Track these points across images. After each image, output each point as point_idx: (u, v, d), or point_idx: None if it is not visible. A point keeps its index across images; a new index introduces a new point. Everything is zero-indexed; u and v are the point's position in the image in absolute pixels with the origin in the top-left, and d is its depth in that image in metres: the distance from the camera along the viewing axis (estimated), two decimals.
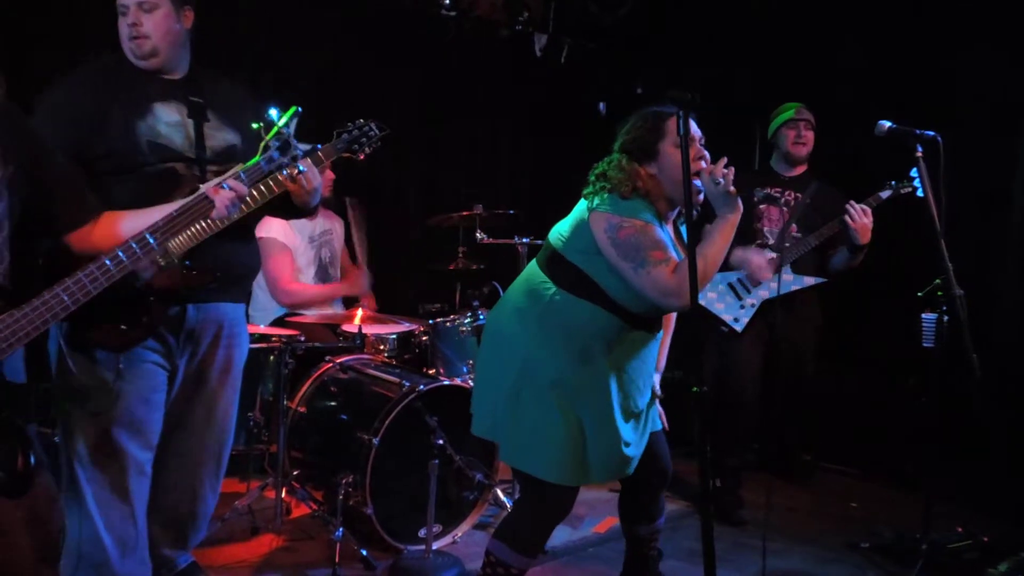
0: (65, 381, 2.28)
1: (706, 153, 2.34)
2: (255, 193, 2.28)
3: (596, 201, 2.27)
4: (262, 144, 2.21)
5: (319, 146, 2.41)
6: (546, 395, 2.27)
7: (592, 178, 2.35)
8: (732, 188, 2.23)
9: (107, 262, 1.88)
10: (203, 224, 2.20)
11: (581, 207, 2.35)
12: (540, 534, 2.40)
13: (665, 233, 2.31)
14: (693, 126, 2.32)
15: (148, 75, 2.38)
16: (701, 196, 2.31)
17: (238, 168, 2.18)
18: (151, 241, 1.97)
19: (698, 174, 2.27)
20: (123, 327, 2.19)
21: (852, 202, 3.42)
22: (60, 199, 2.01)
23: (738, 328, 3.73)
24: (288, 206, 2.47)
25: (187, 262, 2.25)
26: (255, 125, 2.28)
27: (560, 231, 2.38)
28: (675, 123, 2.19)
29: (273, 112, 2.24)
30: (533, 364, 2.29)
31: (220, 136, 2.44)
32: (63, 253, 2.05)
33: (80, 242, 2.05)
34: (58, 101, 2.31)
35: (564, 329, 2.29)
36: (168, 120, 2.36)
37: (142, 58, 2.35)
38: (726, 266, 3.79)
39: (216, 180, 2.14)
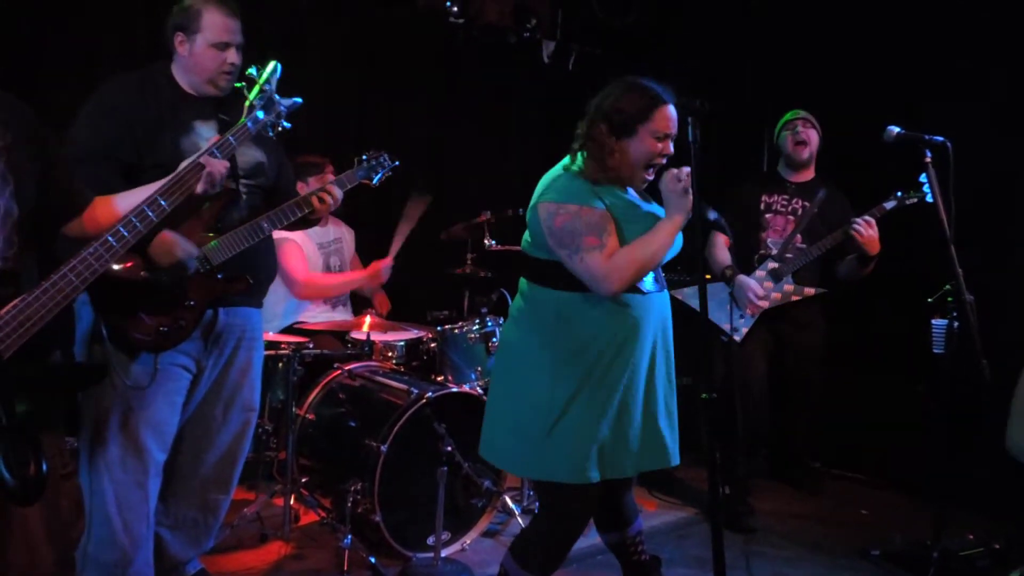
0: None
1: (671, 150, 2.27)
2: (288, 213, 2.45)
3: (540, 192, 2.26)
4: (246, 104, 2.25)
5: (342, 175, 2.68)
6: (556, 397, 2.20)
7: (575, 145, 2.30)
8: (689, 191, 2.17)
9: (109, 238, 1.88)
10: (243, 235, 2.39)
11: (533, 202, 2.30)
12: (559, 554, 2.35)
13: (630, 200, 2.27)
14: (672, 116, 2.24)
15: (189, 94, 2.47)
16: (644, 184, 2.32)
17: (226, 134, 2.22)
18: (163, 203, 2.00)
19: (654, 167, 2.26)
20: (162, 328, 2.28)
21: (857, 220, 3.44)
22: (53, 190, 1.99)
23: (737, 337, 3.70)
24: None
25: (219, 275, 2.36)
26: (237, 84, 2.33)
27: (525, 235, 2.36)
28: (662, 112, 2.21)
29: (253, 70, 2.29)
30: (535, 366, 2.24)
31: (249, 153, 2.54)
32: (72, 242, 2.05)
33: (79, 230, 2.05)
34: (117, 104, 2.37)
35: (557, 324, 2.23)
36: (207, 137, 2.41)
37: (222, 91, 2.45)
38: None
39: (207, 147, 2.18)
